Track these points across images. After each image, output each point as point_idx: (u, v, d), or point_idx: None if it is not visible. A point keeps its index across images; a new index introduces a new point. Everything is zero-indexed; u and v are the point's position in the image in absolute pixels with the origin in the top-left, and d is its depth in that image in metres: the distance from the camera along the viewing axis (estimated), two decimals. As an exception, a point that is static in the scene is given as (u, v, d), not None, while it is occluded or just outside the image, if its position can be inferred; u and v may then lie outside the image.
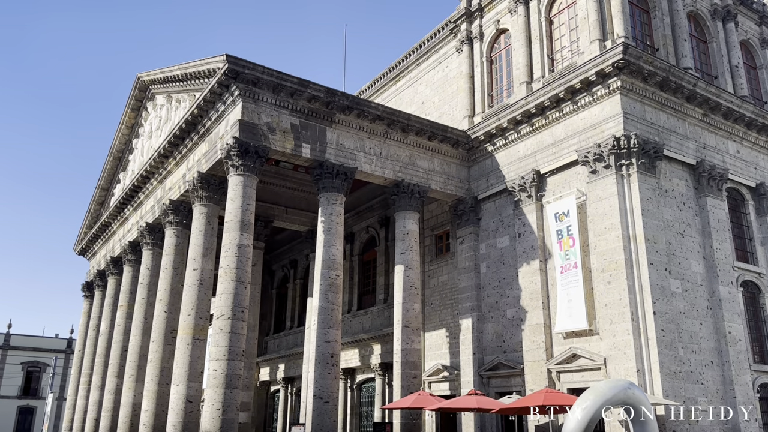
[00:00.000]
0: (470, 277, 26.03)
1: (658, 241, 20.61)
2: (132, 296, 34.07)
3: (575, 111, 22.89)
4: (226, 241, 21.97)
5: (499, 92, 27.67)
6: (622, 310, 19.81)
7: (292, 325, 39.89)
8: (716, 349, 21.08)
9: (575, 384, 21.16)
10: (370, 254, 33.62)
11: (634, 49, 21.14)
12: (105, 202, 41.51)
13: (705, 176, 22.93)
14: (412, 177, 25.73)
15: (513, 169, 25.22)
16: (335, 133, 24.13)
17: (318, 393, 21.75)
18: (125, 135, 37.38)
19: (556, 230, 22.54)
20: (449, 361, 26.48)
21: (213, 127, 24.57)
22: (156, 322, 27.95)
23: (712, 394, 20.30)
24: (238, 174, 22.26)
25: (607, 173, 21.26)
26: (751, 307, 23.38)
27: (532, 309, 23.13)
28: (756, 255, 24.26)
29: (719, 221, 22.83)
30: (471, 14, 29.12)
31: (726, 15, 27.02)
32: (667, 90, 22.47)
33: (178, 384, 23.53)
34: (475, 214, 26.69)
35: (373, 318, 31.77)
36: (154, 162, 29.48)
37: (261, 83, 22.42)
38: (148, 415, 26.67)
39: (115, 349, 34.39)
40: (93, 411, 36.83)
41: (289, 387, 38.55)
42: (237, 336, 21.02)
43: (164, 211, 28.63)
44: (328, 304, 22.65)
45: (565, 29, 24.87)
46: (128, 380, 30.46)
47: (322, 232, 23.51)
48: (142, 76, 32.76)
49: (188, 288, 24.62)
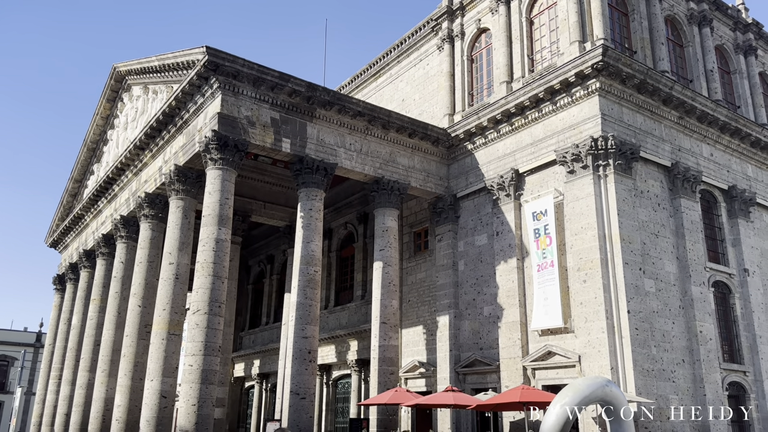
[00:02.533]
0: (448, 274, 26.16)
1: (633, 241, 20.93)
2: (105, 290, 33.56)
3: (554, 111, 23.11)
4: (203, 235, 21.76)
5: (479, 91, 27.81)
6: (597, 309, 20.09)
7: (268, 321, 39.68)
8: (688, 347, 21.49)
9: (550, 381, 21.42)
10: (348, 250, 33.58)
11: (613, 52, 21.40)
12: (78, 193, 40.79)
13: (679, 178, 23.33)
14: (392, 174, 25.74)
15: (492, 167, 25.39)
16: (316, 129, 24.02)
17: (295, 389, 21.68)
18: (100, 126, 36.76)
19: (534, 229, 22.76)
20: (426, 358, 26.60)
21: (191, 119, 24.29)
22: (130, 317, 27.58)
23: (683, 392, 20.71)
24: (217, 168, 22.05)
25: (585, 173, 21.52)
26: (721, 306, 23.89)
27: (508, 306, 23.33)
28: (727, 256, 24.78)
29: (692, 222, 23.27)
30: (452, 12, 29.20)
31: (702, 20, 27.49)
32: (645, 92, 22.80)
33: (153, 379, 23.26)
34: (453, 212, 26.82)
35: (350, 314, 31.76)
36: (130, 154, 29.04)
37: (241, 76, 22.22)
38: (121, 410, 26.32)
39: (87, 344, 33.86)
40: (63, 406, 36.23)
41: (264, 383, 38.35)
42: (213, 331, 20.85)
43: (140, 204, 28.23)
44: (306, 300, 22.57)
45: (546, 30, 25.08)
46: (101, 375, 30.03)
47: (301, 227, 23.41)
48: (119, 67, 32.24)
49: (164, 282, 24.33)
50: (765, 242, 26.80)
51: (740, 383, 22.94)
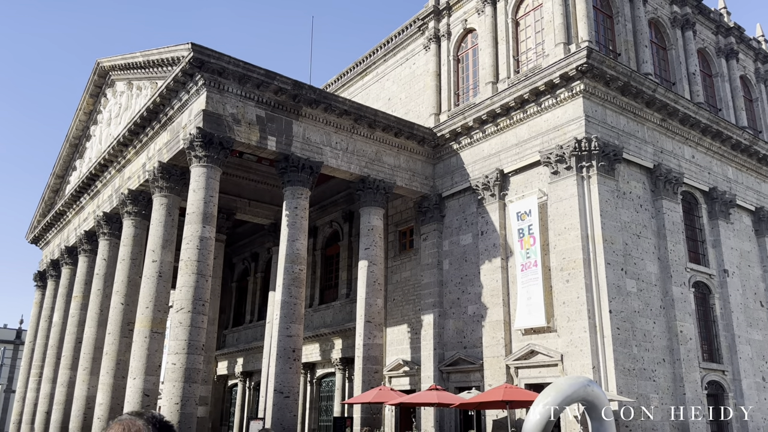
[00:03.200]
0: (433, 273, 26.25)
1: (615, 242, 21.16)
2: (87, 287, 33.23)
3: (539, 112, 23.27)
4: (187, 233, 21.63)
5: (465, 91, 27.92)
6: (579, 308, 20.29)
7: (251, 319, 39.54)
8: (668, 347, 21.77)
9: (533, 380, 21.59)
10: (333, 249, 33.56)
11: (597, 54, 21.60)
12: (60, 189, 40.32)
13: (661, 179, 23.61)
14: (378, 173, 25.77)
15: (477, 167, 25.51)
16: (302, 127, 23.98)
17: (278, 387, 21.65)
18: (83, 122, 36.36)
19: (518, 229, 22.91)
20: (410, 357, 26.68)
21: (176, 116, 24.12)
22: (112, 314, 27.34)
23: (663, 391, 20.98)
24: (202, 165, 21.92)
25: (568, 174, 21.70)
26: (701, 307, 24.23)
27: (492, 306, 23.47)
28: (707, 257, 25.13)
29: (674, 223, 23.56)
30: (439, 12, 29.27)
31: (685, 23, 27.82)
32: (628, 95, 23.04)
33: (135, 377, 23.10)
34: (439, 211, 26.91)
35: (335, 313, 31.74)
36: (113, 150, 28.77)
37: (227, 73, 22.11)
38: (103, 408, 26.10)
39: (69, 341, 33.50)
40: (44, 404, 35.83)
41: (248, 381, 38.23)
42: (197, 329, 20.76)
43: (123, 201, 27.99)
44: (291, 298, 22.55)
45: (531, 31, 25.24)
46: (82, 373, 29.75)
47: (286, 226, 23.36)
48: (102, 62, 31.91)
49: (147, 280, 24.15)
50: (744, 243, 27.22)
51: (719, 382, 23.29)
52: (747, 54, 31.56)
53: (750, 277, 26.75)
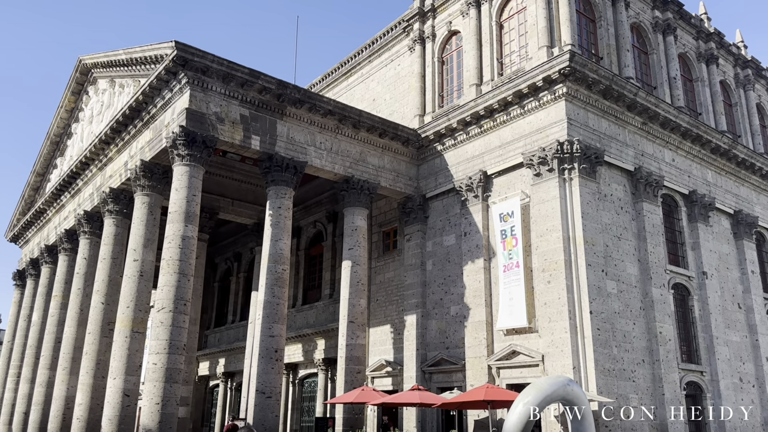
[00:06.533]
0: (416, 274, 26.32)
1: (596, 244, 21.38)
2: (67, 286, 32.85)
3: (522, 115, 23.44)
4: (169, 232, 21.48)
5: (449, 93, 28.04)
6: (560, 309, 20.46)
7: (234, 319, 39.34)
8: (648, 348, 22.03)
9: (514, 380, 21.74)
10: (316, 249, 33.50)
11: (580, 57, 21.81)
12: (40, 187, 39.82)
13: (642, 182, 23.89)
14: (362, 173, 25.79)
15: (461, 169, 25.63)
16: (286, 126, 23.93)
17: (260, 388, 21.58)
18: (64, 119, 35.95)
19: (501, 230, 23.06)
20: (393, 357, 26.73)
21: (158, 114, 23.95)
22: (93, 314, 27.07)
23: (643, 391, 21.22)
24: (184, 164, 21.79)
25: (550, 176, 21.88)
26: (680, 308, 24.56)
27: (475, 306, 23.59)
28: (687, 259, 25.47)
29: (654, 226, 23.85)
30: (424, 14, 29.37)
31: (666, 28, 28.18)
32: (610, 98, 23.29)
33: (115, 377, 22.88)
34: (422, 212, 26.99)
35: (318, 313, 31.69)
36: (95, 148, 28.49)
37: (210, 72, 22.00)
38: (83, 408, 25.83)
39: (48, 341, 33.11)
40: (22, 404, 35.37)
41: (230, 382, 38.03)
42: (178, 329, 20.62)
43: (104, 200, 27.72)
44: (274, 298, 22.48)
45: (515, 34, 25.42)
46: (61, 373, 29.40)
47: (269, 225, 23.29)
48: (85, 59, 31.59)
49: (128, 279, 23.94)
50: (723, 246, 27.62)
51: (697, 383, 23.62)
52: (727, 59, 32.03)
53: (728, 279, 27.15)
